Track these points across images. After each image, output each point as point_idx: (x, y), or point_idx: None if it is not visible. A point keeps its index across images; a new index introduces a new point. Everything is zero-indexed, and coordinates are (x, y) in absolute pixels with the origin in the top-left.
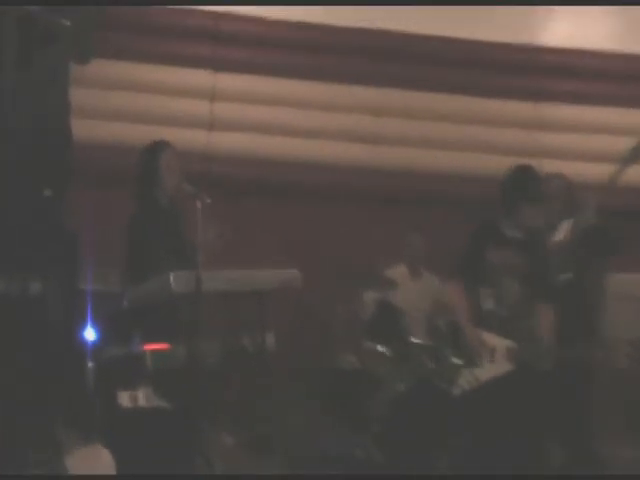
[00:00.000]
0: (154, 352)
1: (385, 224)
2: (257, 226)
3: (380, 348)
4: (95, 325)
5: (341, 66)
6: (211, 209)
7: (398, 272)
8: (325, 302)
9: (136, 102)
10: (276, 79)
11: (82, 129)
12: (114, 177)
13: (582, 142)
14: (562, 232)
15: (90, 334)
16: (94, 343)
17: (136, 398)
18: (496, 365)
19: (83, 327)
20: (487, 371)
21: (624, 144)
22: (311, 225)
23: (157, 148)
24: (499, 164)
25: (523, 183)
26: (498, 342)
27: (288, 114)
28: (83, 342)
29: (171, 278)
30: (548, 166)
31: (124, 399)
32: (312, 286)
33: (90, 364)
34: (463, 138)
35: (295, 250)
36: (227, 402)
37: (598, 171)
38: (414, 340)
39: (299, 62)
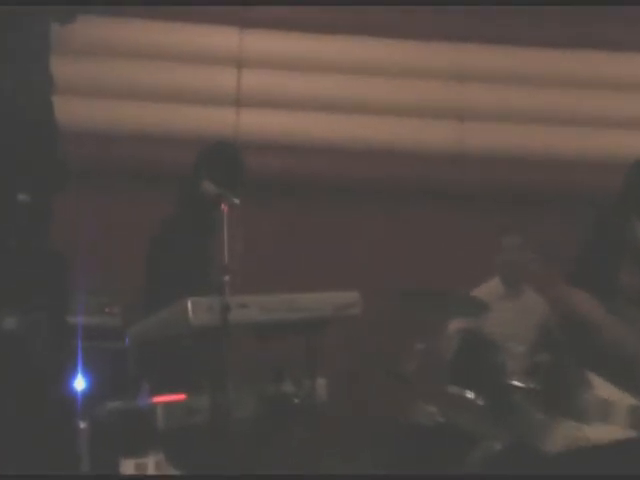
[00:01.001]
0: (167, 405)
1: (468, 225)
2: (299, 234)
3: (468, 394)
4: (89, 371)
5: (405, 21)
6: (241, 213)
7: (489, 290)
8: (393, 334)
9: (137, 72)
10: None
11: (67, 110)
12: (112, 175)
13: None
14: None
15: (82, 383)
16: (87, 394)
17: (144, 467)
18: (614, 427)
19: (73, 373)
20: (601, 432)
21: None
22: (368, 231)
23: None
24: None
25: None
26: (619, 397)
27: (335, 83)
28: (73, 393)
29: (189, 306)
30: None
31: (128, 468)
32: (375, 313)
33: (82, 423)
34: (576, 107)
35: (350, 265)
36: (264, 471)
37: None
38: (514, 383)
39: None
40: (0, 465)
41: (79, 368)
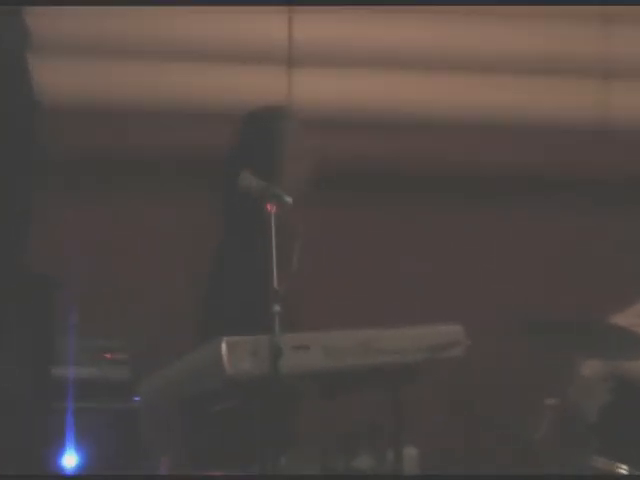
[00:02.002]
0: None
1: (619, 227)
2: (379, 245)
3: (621, 469)
4: (83, 442)
5: None
6: (294, 215)
7: (637, 312)
8: (511, 383)
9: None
10: None
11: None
12: (114, 168)
13: None
14: None
15: (73, 459)
16: (80, 474)
17: None
18: None
19: (61, 445)
20: None
21: None
22: (477, 238)
23: (276, 119)
24: None
25: None
26: None
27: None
28: (62, 473)
29: (223, 349)
30: None
31: None
32: (486, 354)
33: None
34: None
35: (452, 287)
36: None
37: None
38: None
39: None
40: None
41: (69, 438)
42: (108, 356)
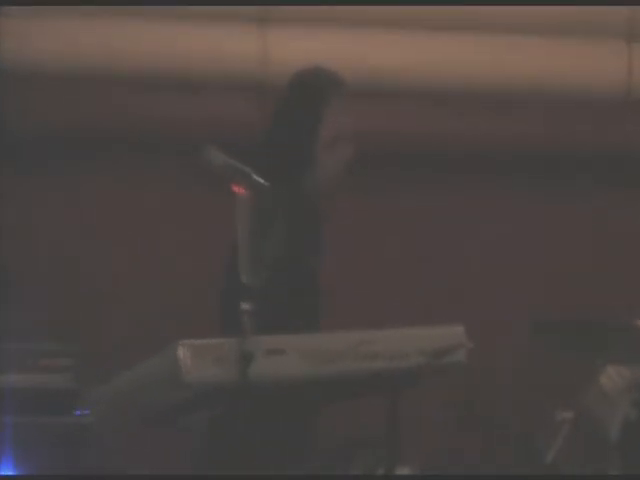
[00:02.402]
0: None
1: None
2: (367, 232)
3: None
4: (19, 461)
5: None
6: (271, 199)
7: None
8: (519, 392)
9: None
10: None
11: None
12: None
13: None
14: None
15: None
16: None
17: None
18: None
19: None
20: None
21: None
22: (483, 226)
23: (322, 90)
24: None
25: None
26: None
27: None
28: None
29: (181, 354)
30: None
31: None
32: (492, 359)
33: None
34: None
35: (452, 284)
36: None
37: None
38: None
39: None
40: None
41: (4, 458)
42: (46, 364)
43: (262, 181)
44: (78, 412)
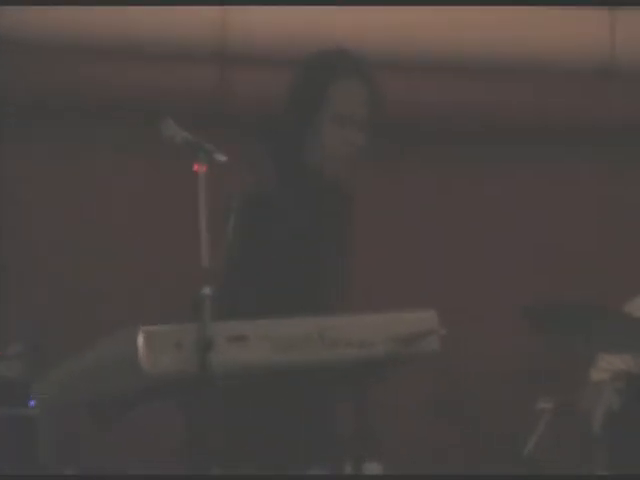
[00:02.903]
0: None
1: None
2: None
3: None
4: None
5: None
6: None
7: None
8: (499, 383)
9: None
10: None
11: None
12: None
13: None
14: None
15: None
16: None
17: None
18: None
19: None
20: None
21: None
22: (458, 202)
23: (329, 69)
24: None
25: None
26: None
27: None
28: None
29: (140, 341)
30: None
31: None
32: (468, 347)
33: None
34: None
35: (424, 265)
36: None
37: None
38: None
39: None
40: None
41: None
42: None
43: (223, 158)
44: (30, 403)
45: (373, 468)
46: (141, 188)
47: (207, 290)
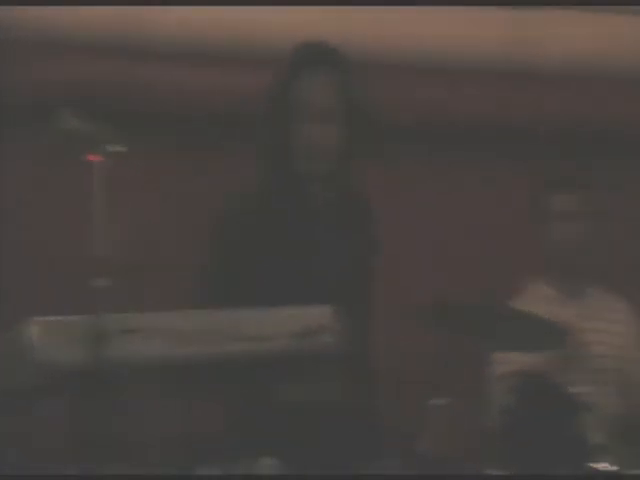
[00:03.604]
0: None
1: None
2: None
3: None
4: None
5: None
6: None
7: (535, 296)
8: (393, 379)
9: None
10: None
11: None
12: None
13: None
14: None
15: None
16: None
17: None
18: None
19: None
20: None
21: None
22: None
23: (299, 66)
24: None
25: None
26: None
27: None
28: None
29: (32, 333)
30: None
31: None
32: (362, 345)
33: None
34: None
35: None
36: None
37: None
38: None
39: None
40: None
41: None
42: None
43: (120, 148)
44: None
45: (268, 465)
46: (37, 179)
47: (101, 281)
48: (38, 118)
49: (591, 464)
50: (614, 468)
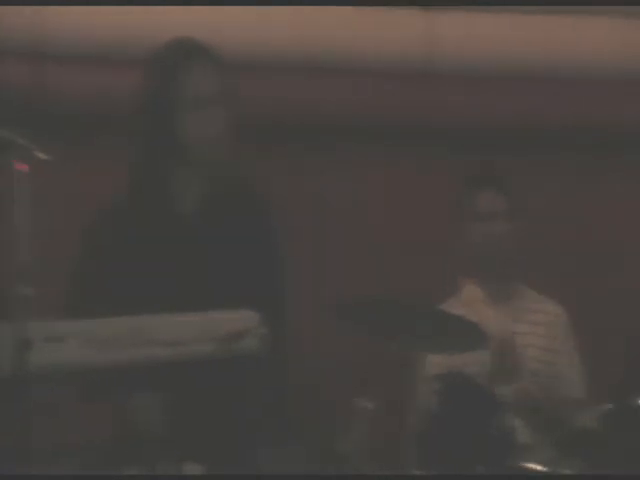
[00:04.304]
0: None
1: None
2: None
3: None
4: None
5: None
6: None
7: (465, 299)
8: (317, 381)
9: None
10: None
11: None
12: None
13: None
14: None
15: None
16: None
17: None
18: None
19: None
20: None
21: None
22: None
23: (180, 56)
24: None
25: None
26: None
27: None
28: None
29: None
30: None
31: None
32: (286, 347)
33: None
34: None
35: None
36: None
37: None
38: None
39: None
40: None
41: None
42: None
43: (44, 155)
44: None
45: (193, 469)
46: None
47: (24, 289)
48: None
49: (517, 464)
50: (540, 468)
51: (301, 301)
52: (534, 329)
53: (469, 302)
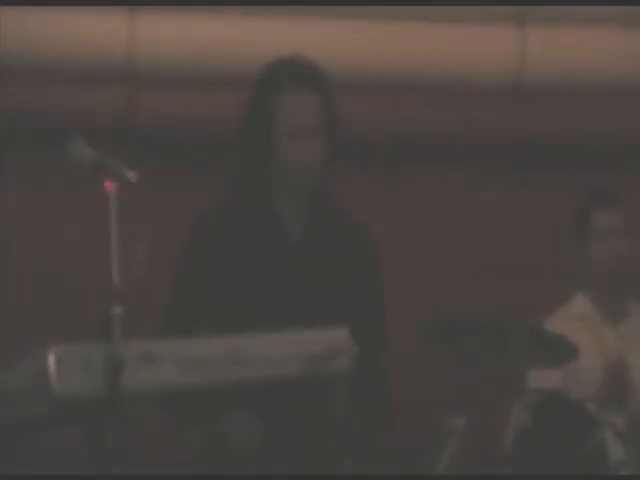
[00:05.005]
0: None
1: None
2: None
3: None
4: None
5: None
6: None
7: (573, 314)
8: (410, 399)
9: None
10: None
11: None
12: None
13: None
14: None
15: None
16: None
17: None
18: None
19: None
20: None
21: None
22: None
23: (274, 85)
24: None
25: None
26: None
27: None
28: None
29: (51, 361)
30: None
31: None
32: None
33: None
34: None
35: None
36: None
37: None
38: None
39: None
40: None
41: None
42: None
43: (132, 176)
44: None
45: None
46: (51, 206)
47: (117, 309)
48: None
49: None
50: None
51: (397, 318)
52: None
53: (581, 317)
